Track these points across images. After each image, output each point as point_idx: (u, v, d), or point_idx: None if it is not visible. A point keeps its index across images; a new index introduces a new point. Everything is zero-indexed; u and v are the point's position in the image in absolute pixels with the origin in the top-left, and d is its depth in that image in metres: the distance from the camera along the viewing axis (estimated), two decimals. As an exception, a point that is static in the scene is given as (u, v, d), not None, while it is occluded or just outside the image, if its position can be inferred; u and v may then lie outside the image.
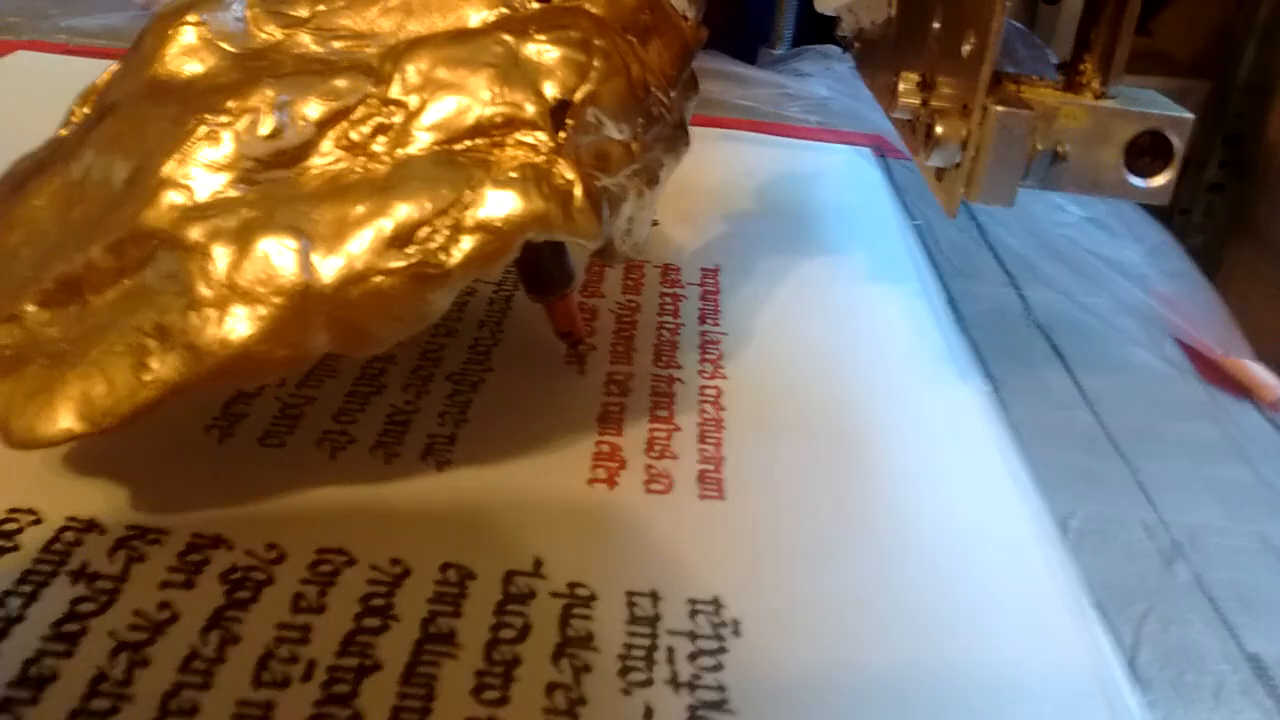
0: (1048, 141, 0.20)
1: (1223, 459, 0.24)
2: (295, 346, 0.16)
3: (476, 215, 0.17)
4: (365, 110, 0.17)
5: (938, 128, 0.20)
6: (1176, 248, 0.33)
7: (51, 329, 0.17)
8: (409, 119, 0.17)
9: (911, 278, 0.30)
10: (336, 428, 0.21)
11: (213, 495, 0.19)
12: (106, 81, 0.20)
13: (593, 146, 0.18)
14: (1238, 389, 0.26)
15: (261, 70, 0.17)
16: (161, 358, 0.16)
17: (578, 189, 0.17)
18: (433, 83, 0.17)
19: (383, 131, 0.17)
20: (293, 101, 0.17)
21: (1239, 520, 0.22)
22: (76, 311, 0.17)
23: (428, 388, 0.23)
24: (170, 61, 0.18)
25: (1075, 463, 0.23)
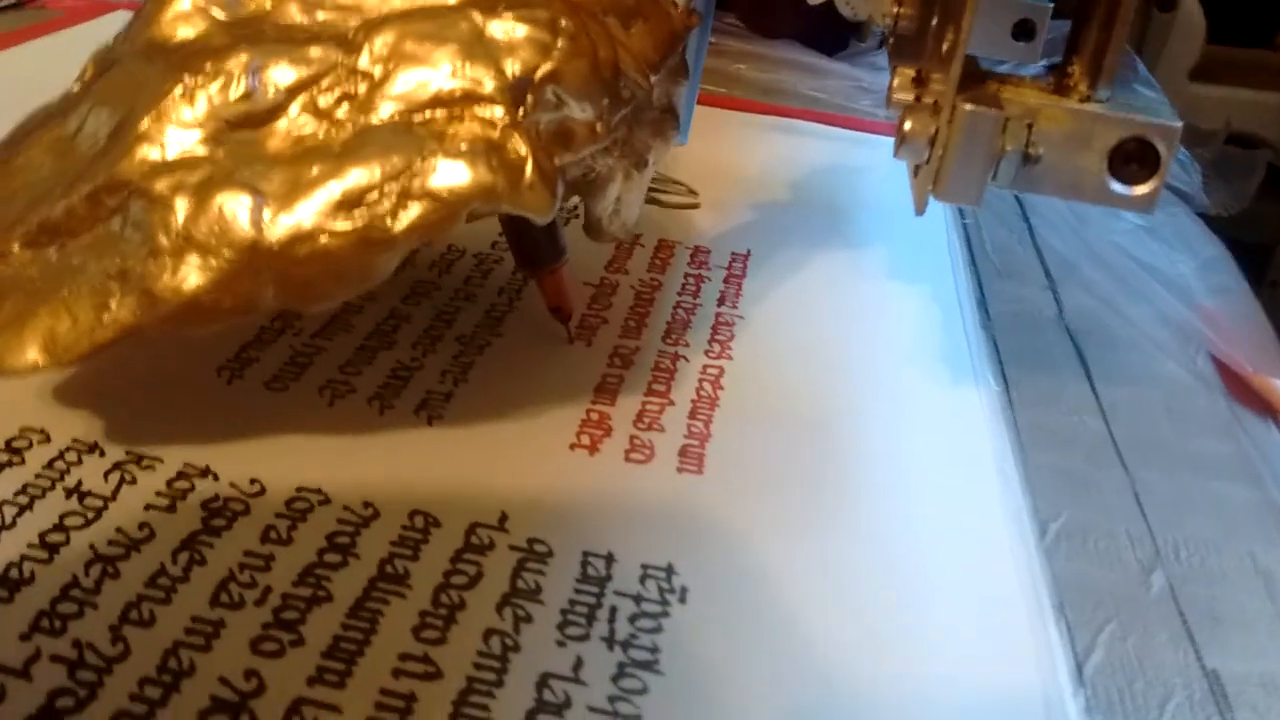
0: (1018, 142, 0.20)
1: (1230, 476, 0.23)
2: (242, 298, 0.17)
3: (425, 184, 0.17)
4: (333, 79, 0.18)
5: (906, 123, 0.20)
6: (1230, 263, 0.32)
7: (31, 269, 0.18)
8: (373, 89, 0.18)
9: (945, 276, 0.30)
10: (340, 378, 0.22)
11: (212, 430, 0.20)
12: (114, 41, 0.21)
13: (554, 124, 0.19)
14: (1264, 408, 0.26)
15: (244, 37, 0.18)
16: (120, 300, 0.17)
17: (529, 164, 0.18)
18: (398, 55, 0.18)
19: (348, 99, 0.18)
20: (265, 67, 0.18)
21: (1233, 538, 0.21)
22: (55, 253, 0.18)
23: (435, 347, 0.24)
24: (165, 25, 0.19)
25: (1073, 468, 0.23)
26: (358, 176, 0.17)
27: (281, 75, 0.18)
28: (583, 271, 0.28)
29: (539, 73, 0.18)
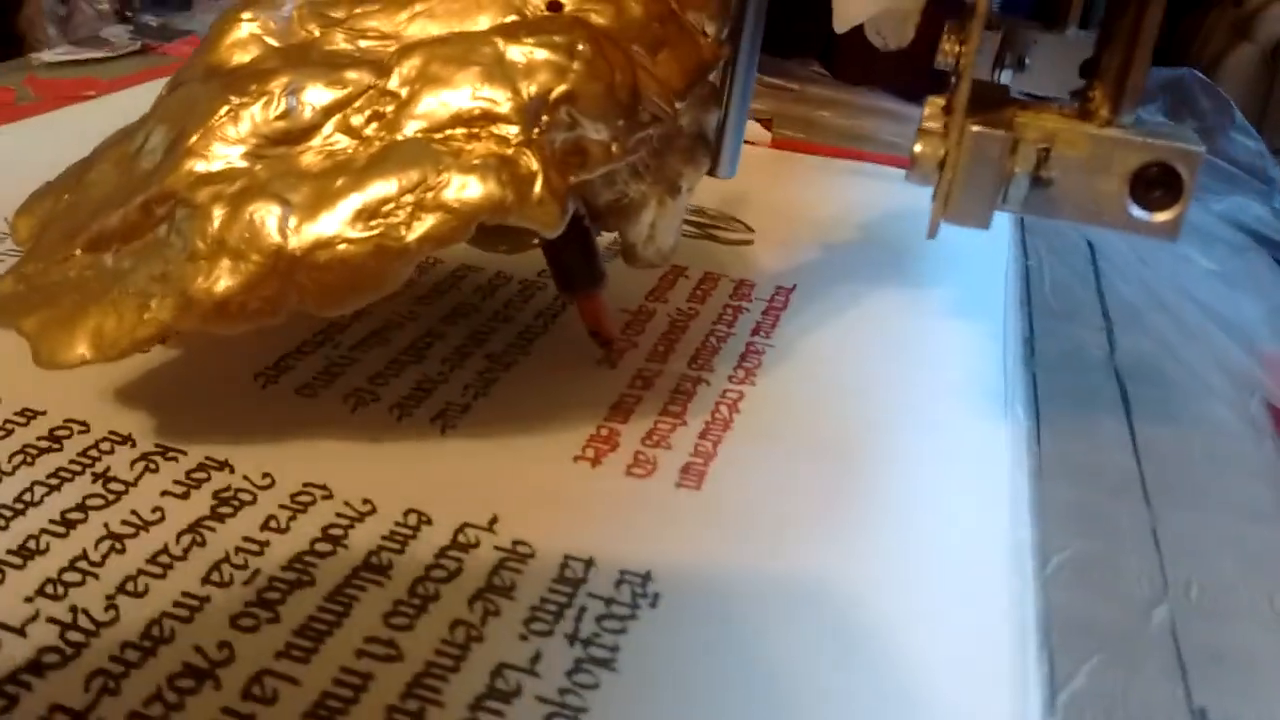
0: (1027, 164, 0.20)
1: (1264, 520, 0.22)
2: (268, 300, 0.18)
3: (438, 196, 0.18)
4: (365, 100, 0.19)
5: (915, 146, 0.20)
6: (1304, 309, 0.31)
7: (89, 271, 0.19)
8: (400, 109, 0.19)
9: (995, 317, 0.30)
10: (368, 387, 0.23)
11: (239, 429, 0.22)
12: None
13: (569, 143, 0.19)
14: (1315, 454, 0.24)
15: (291, 62, 0.20)
16: (160, 301, 0.19)
17: (539, 179, 0.19)
18: (424, 77, 0.19)
19: (377, 119, 0.19)
20: (304, 88, 0.19)
21: (1253, 582, 0.20)
22: (110, 258, 0.19)
23: (464, 363, 0.25)
24: (223, 51, 0.21)
25: (1092, 502, 0.22)
26: (377, 189, 0.19)
27: (318, 96, 0.20)
28: (622, 299, 0.28)
29: (554, 94, 0.19)
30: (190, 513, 0.19)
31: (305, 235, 0.18)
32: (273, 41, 0.21)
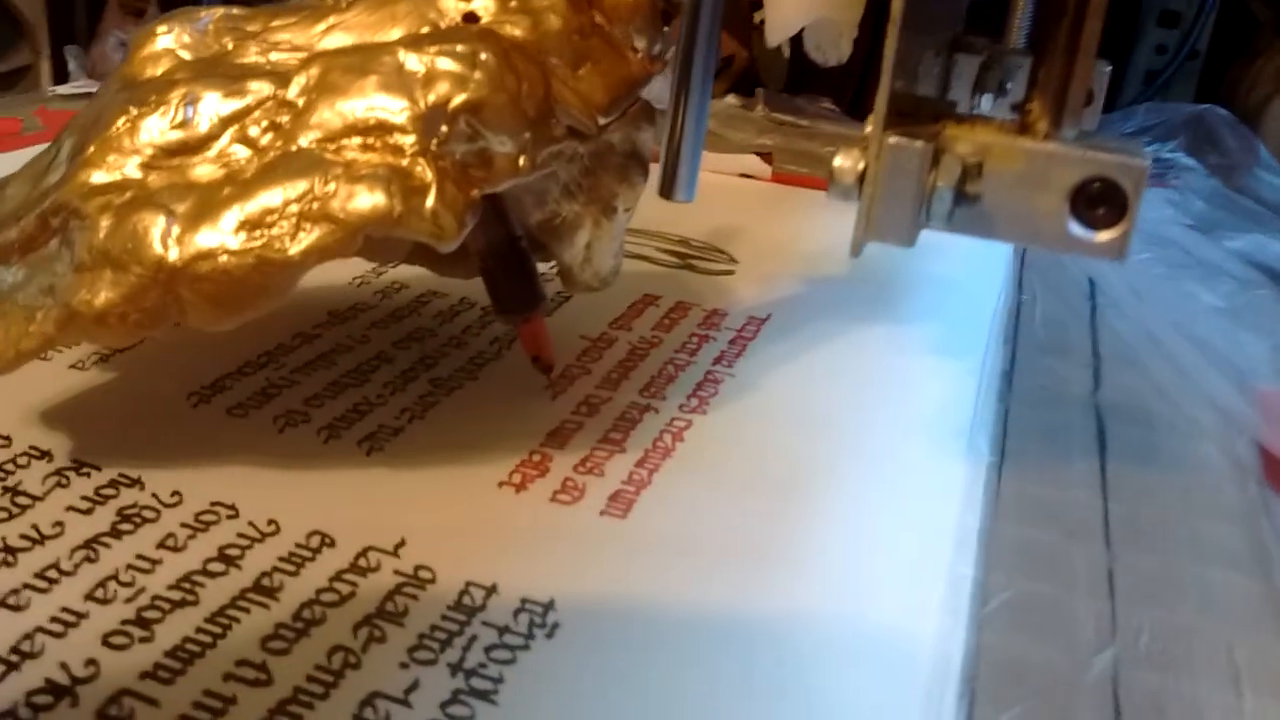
0: (950, 179, 0.19)
1: (1235, 565, 0.21)
2: (149, 312, 0.18)
3: (324, 207, 0.18)
4: (263, 111, 0.19)
5: (835, 159, 0.19)
6: (1309, 347, 0.29)
7: None
8: (296, 119, 0.19)
9: (975, 352, 0.28)
10: (301, 409, 0.23)
11: (160, 448, 0.21)
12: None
13: (472, 155, 0.19)
14: (1301, 497, 0.23)
15: (199, 74, 0.20)
16: (46, 313, 0.18)
17: (432, 191, 0.18)
18: (321, 87, 0.19)
19: (274, 129, 0.19)
20: (202, 99, 0.19)
21: (1212, 630, 0.19)
22: (10, 269, 0.19)
23: (407, 387, 0.24)
24: (137, 63, 0.20)
25: (1046, 542, 0.21)
26: (261, 200, 0.18)
27: (217, 107, 0.19)
28: (584, 325, 0.28)
29: (453, 103, 0.19)
30: (90, 528, 0.19)
31: (187, 246, 0.18)
32: (186, 55, 0.21)
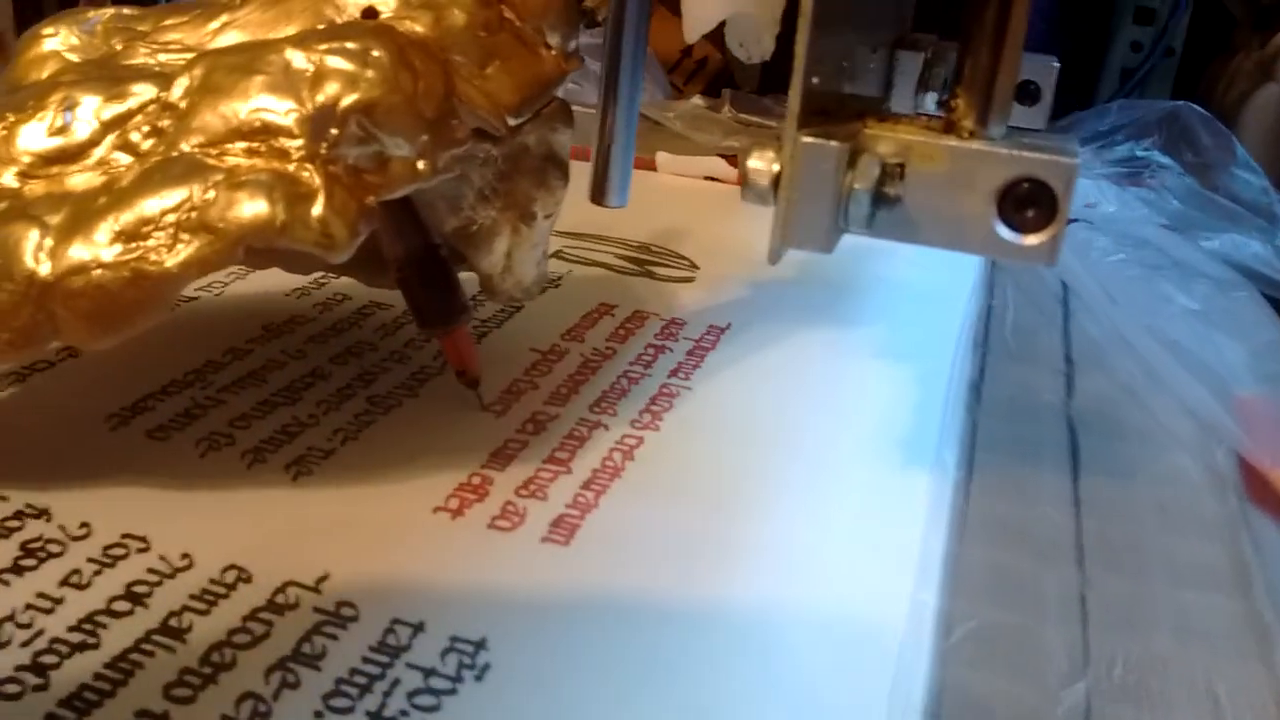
0: (867, 180, 0.17)
1: (1214, 586, 0.20)
2: (20, 332, 0.17)
3: (203, 216, 0.17)
4: (145, 115, 0.18)
5: (748, 160, 0.18)
6: (1287, 351, 0.28)
7: None
8: (178, 122, 0.18)
9: (943, 359, 0.27)
10: (225, 431, 0.22)
11: (71, 475, 0.20)
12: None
13: (366, 159, 0.17)
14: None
15: (84, 76, 0.18)
16: None
17: (319, 198, 0.17)
18: (204, 88, 0.18)
19: (156, 134, 0.18)
20: (81, 103, 0.18)
21: (1190, 655, 0.18)
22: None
23: (342, 406, 0.23)
24: (21, 66, 0.19)
25: (1015, 566, 0.20)
26: (137, 210, 0.17)
27: (98, 111, 0.18)
28: (535, 337, 0.26)
29: (343, 104, 0.17)
30: (-12, 566, 0.17)
31: (59, 260, 0.17)
32: (73, 57, 0.19)
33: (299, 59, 0.18)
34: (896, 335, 0.29)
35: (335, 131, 0.17)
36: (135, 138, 0.18)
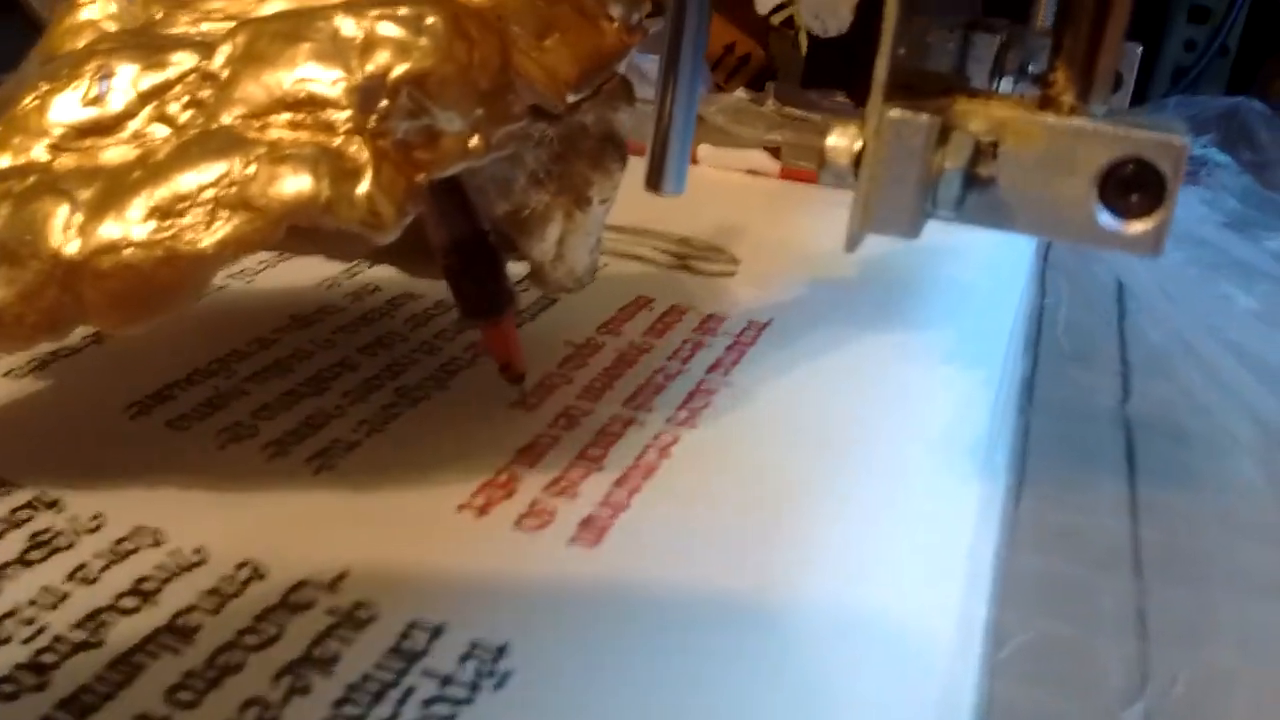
0: (960, 159, 0.16)
1: (1282, 601, 0.18)
2: (46, 313, 0.16)
3: (243, 193, 0.16)
4: (185, 85, 0.17)
5: (828, 138, 0.17)
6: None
7: None
8: (218, 92, 0.17)
9: (994, 360, 0.26)
10: (249, 422, 0.21)
11: (88, 465, 0.19)
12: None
13: (416, 133, 0.17)
14: (1356, 525, 0.20)
15: (123, 45, 0.18)
16: None
17: (368, 174, 0.16)
18: (247, 57, 0.17)
19: (196, 105, 0.17)
20: (120, 72, 0.17)
21: (1259, 675, 0.17)
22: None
23: (369, 397, 0.22)
24: (56, 37, 0.18)
25: (1071, 575, 0.19)
26: (173, 185, 0.16)
27: (135, 81, 0.17)
28: (570, 330, 0.26)
29: (393, 74, 0.17)
30: (-4, 557, 0.17)
31: (88, 238, 0.16)
32: (110, 26, 0.19)
33: (349, 25, 0.17)
34: (945, 333, 0.28)
35: (385, 103, 0.16)
36: (174, 109, 0.17)
